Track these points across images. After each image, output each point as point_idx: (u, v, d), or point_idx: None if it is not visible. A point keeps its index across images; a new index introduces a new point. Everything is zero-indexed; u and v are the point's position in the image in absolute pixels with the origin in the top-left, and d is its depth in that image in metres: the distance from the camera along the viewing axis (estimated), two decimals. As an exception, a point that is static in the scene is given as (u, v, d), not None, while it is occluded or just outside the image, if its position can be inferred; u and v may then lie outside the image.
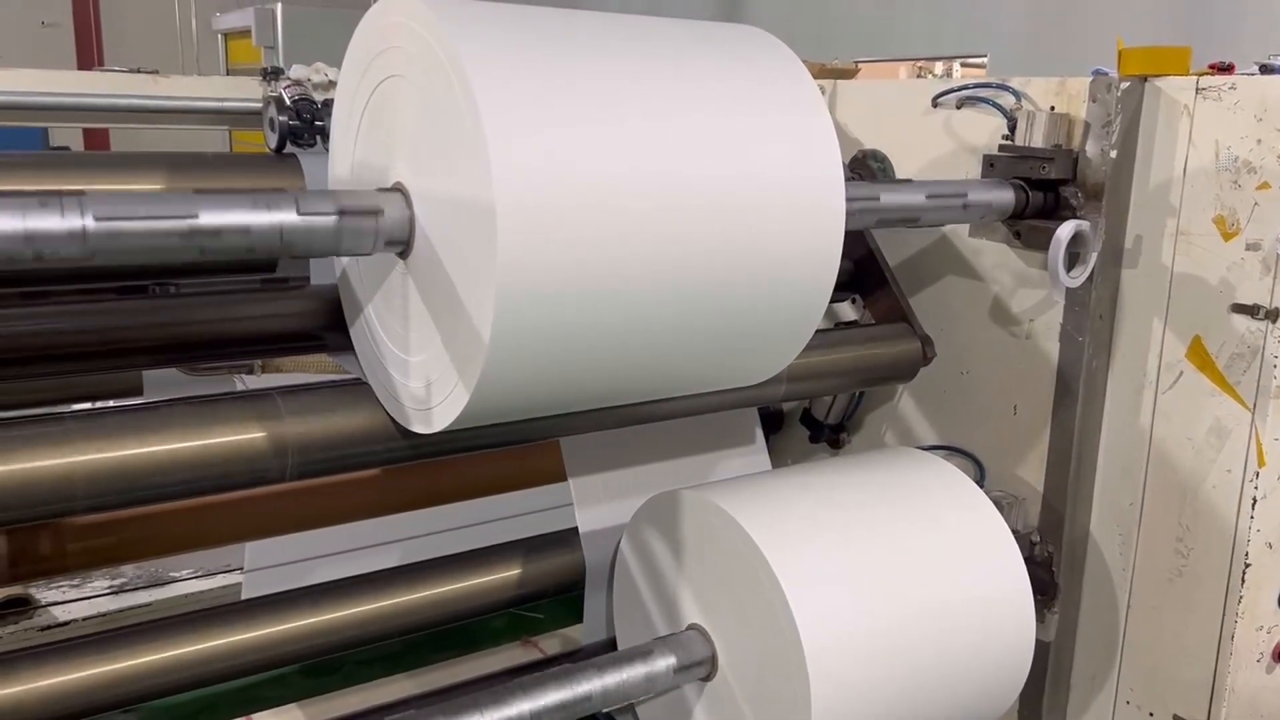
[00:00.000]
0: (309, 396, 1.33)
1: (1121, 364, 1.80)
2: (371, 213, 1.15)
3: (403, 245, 1.19)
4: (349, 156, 1.33)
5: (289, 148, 1.54)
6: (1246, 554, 1.66)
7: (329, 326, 1.42)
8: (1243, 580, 1.67)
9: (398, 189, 1.20)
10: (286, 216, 1.10)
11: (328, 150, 1.40)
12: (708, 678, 1.53)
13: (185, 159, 1.43)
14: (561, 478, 1.78)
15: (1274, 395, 1.61)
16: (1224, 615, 1.69)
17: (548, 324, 1.12)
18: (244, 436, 1.25)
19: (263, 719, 2.12)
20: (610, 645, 1.79)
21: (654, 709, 1.65)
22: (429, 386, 1.22)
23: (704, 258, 1.22)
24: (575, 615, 1.90)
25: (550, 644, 2.51)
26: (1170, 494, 1.75)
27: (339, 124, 1.35)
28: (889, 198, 1.64)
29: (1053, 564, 1.85)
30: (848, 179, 1.77)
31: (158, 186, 1.38)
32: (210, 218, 1.07)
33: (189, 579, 2.57)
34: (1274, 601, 1.71)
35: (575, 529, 1.77)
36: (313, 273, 1.49)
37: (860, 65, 2.38)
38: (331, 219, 1.12)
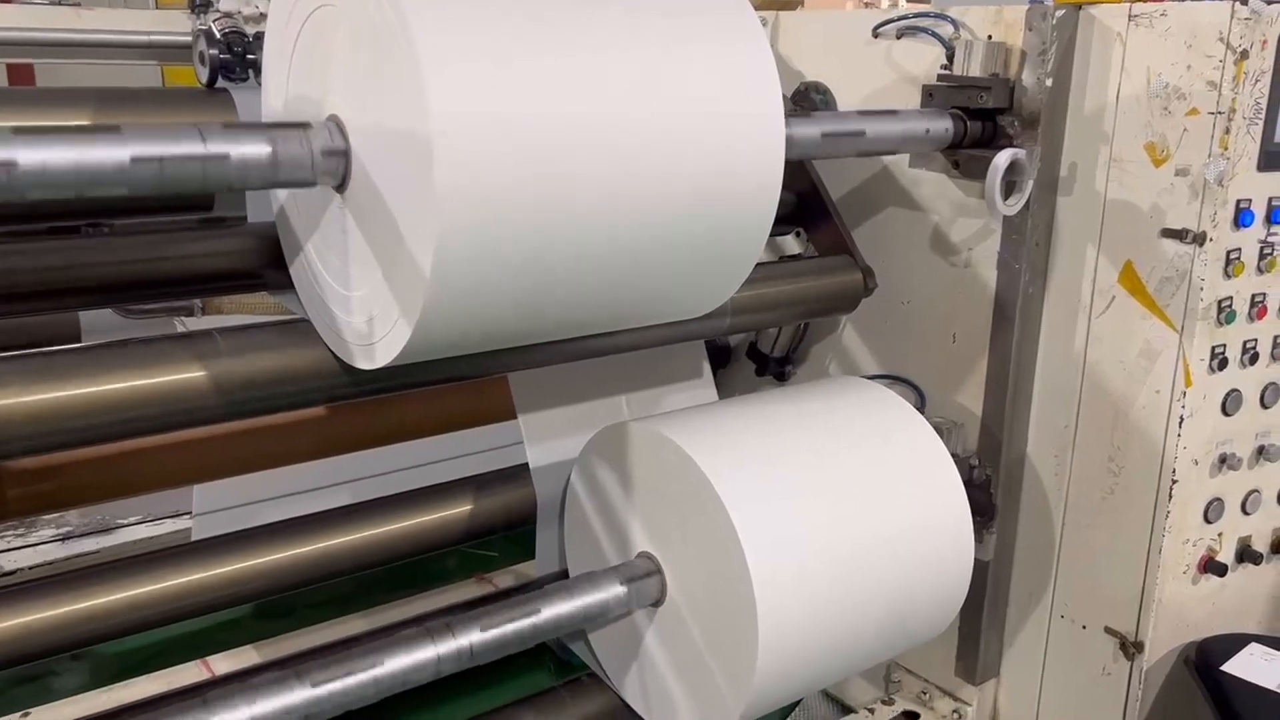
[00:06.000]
0: (249, 334, 1.31)
1: (1057, 290, 1.84)
2: (306, 143, 1.13)
3: (339, 177, 1.17)
4: (283, 90, 1.30)
5: (221, 82, 1.50)
6: (1174, 471, 1.72)
7: (268, 264, 1.41)
8: (1170, 496, 1.73)
9: (332, 120, 1.18)
10: (219, 148, 1.08)
11: (260, 84, 1.37)
12: (657, 603, 1.57)
13: (113, 94, 1.39)
14: (511, 415, 1.79)
15: (1200, 317, 1.67)
16: (1152, 530, 1.76)
17: (489, 256, 1.12)
18: (183, 375, 1.24)
19: (217, 661, 2.13)
20: (563, 578, 1.82)
21: (606, 636, 1.68)
22: (371, 321, 1.21)
23: (644, 187, 1.22)
24: (528, 553, 1.93)
25: (504, 580, 2.54)
26: (1103, 415, 1.80)
27: (271, 57, 1.33)
28: (828, 128, 1.65)
29: (991, 486, 1.90)
30: (790, 111, 1.78)
31: (85, 123, 1.35)
32: (141, 150, 1.04)
33: (137, 524, 2.55)
34: (1200, 515, 1.78)
35: (526, 465, 1.79)
36: (250, 210, 1.47)
37: (806, -5, 2.38)
38: (265, 150, 1.10)
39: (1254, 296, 1.72)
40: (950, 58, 1.81)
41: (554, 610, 1.49)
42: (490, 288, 1.14)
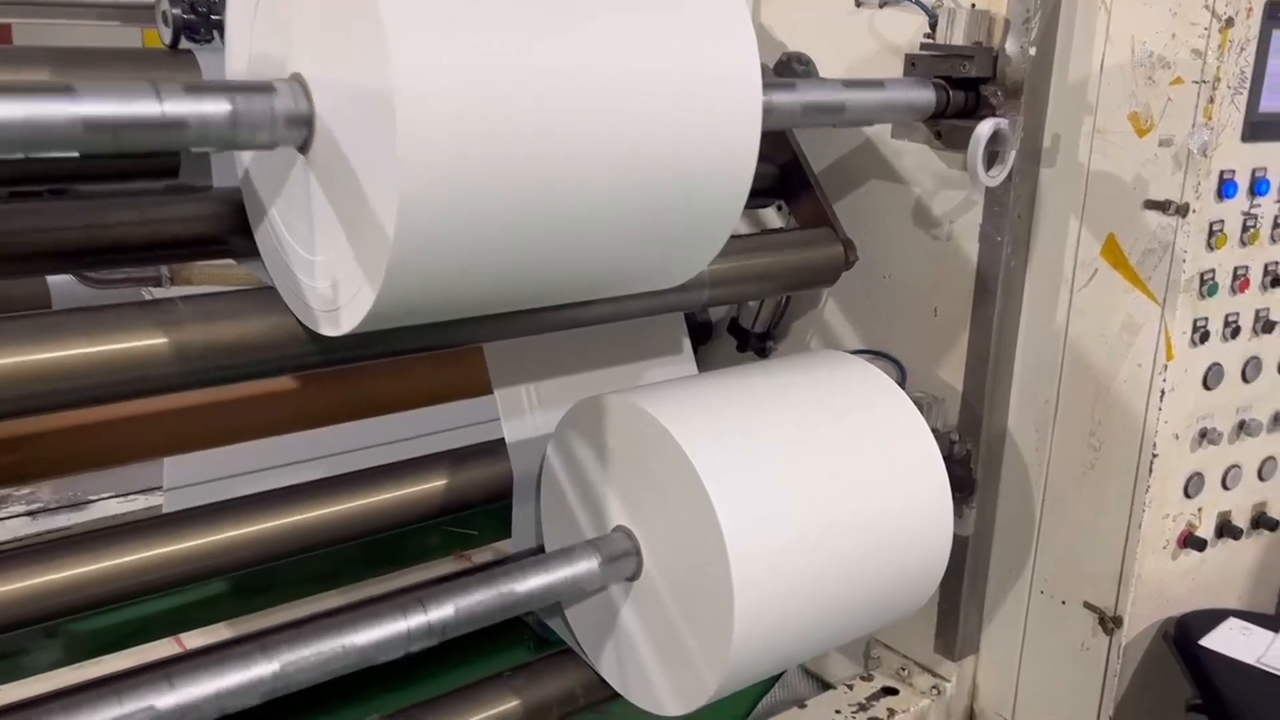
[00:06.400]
0: (212, 301, 1.28)
1: (1039, 263, 1.82)
2: (267, 102, 1.10)
3: (303, 136, 1.14)
4: (246, 50, 1.27)
5: (186, 44, 1.47)
6: (1154, 445, 1.71)
7: (233, 230, 1.37)
8: (1150, 470, 1.72)
9: (295, 79, 1.15)
10: (176, 108, 1.05)
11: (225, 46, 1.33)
12: (633, 577, 1.55)
13: (72, 54, 1.35)
14: (487, 390, 1.76)
15: (1183, 290, 1.65)
16: (1132, 505, 1.75)
17: (453, 217, 1.09)
18: (143, 342, 1.21)
19: (191, 638, 2.11)
20: (539, 553, 1.80)
21: (583, 611, 1.67)
22: (335, 286, 1.18)
23: (615, 150, 1.19)
24: (509, 530, 1.91)
25: (483, 557, 2.53)
26: (1084, 389, 1.79)
27: (234, 15, 1.29)
28: (808, 95, 1.62)
29: (971, 461, 1.89)
30: (771, 82, 1.75)
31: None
32: (95, 109, 1.01)
33: (109, 498, 2.52)
34: (1180, 490, 1.78)
35: (503, 439, 1.76)
36: (215, 176, 1.44)
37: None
38: (225, 108, 1.07)
39: (1236, 269, 1.70)
40: (933, 26, 1.78)
41: (527, 585, 1.47)
42: (456, 251, 1.11)
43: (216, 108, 1.07)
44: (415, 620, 1.37)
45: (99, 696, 1.17)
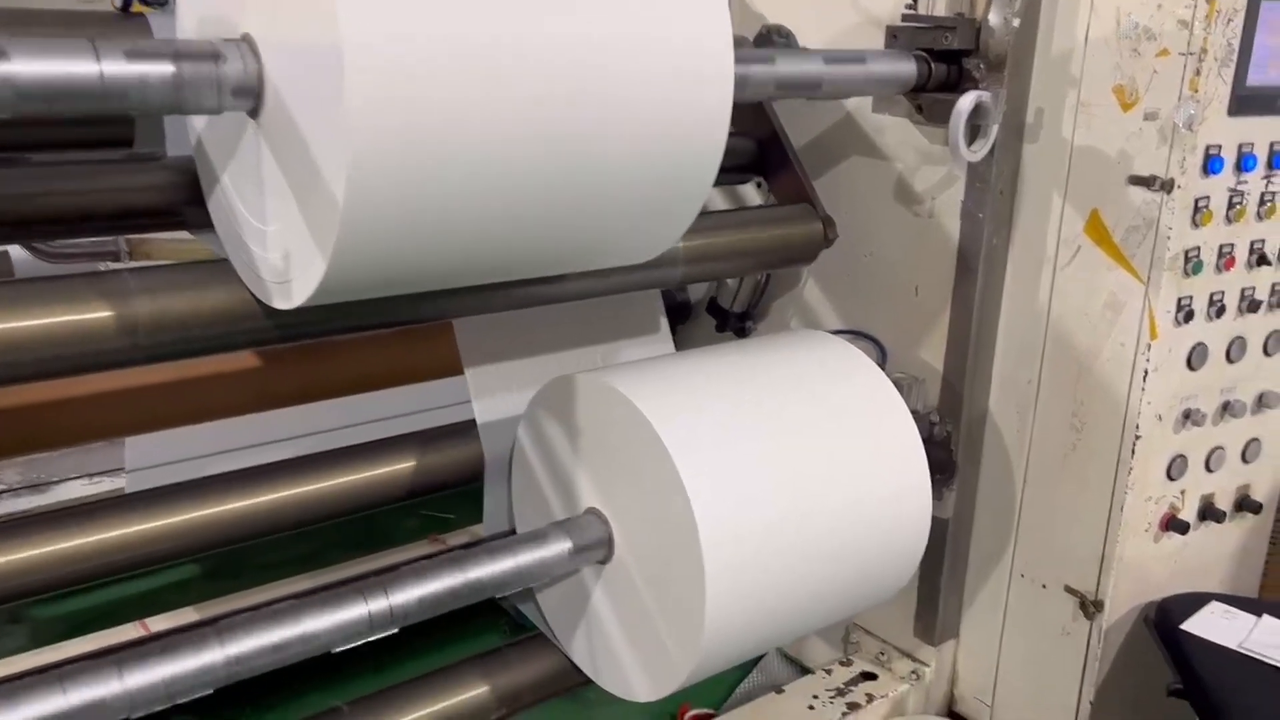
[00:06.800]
0: (161, 274, 1.23)
1: (1021, 241, 1.79)
2: (213, 63, 1.05)
3: (252, 100, 1.09)
4: (197, 11, 1.22)
5: (139, 7, 1.41)
6: (1137, 426, 1.68)
7: (187, 201, 1.32)
8: (1133, 452, 1.69)
9: (245, 40, 1.10)
10: (116, 68, 1.00)
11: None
12: (605, 560, 1.51)
13: (17, 15, 1.30)
14: (460, 370, 1.72)
15: (1167, 267, 1.61)
16: (1114, 487, 1.72)
17: (407, 184, 1.04)
18: (87, 316, 1.16)
19: (156, 623, 2.07)
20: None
21: (554, 595, 1.63)
22: (287, 257, 1.14)
23: (577, 114, 1.14)
24: (485, 515, 1.87)
25: (458, 541, 2.49)
26: (1066, 370, 1.76)
27: (186, -24, 1.24)
28: (785, 67, 1.58)
29: (951, 443, 1.86)
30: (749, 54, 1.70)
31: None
32: (26, 68, 0.96)
33: (73, 479, 2.47)
34: (1163, 472, 1.75)
35: (474, 420, 1.72)
36: (169, 145, 1.39)
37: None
38: (168, 68, 1.02)
39: (1221, 247, 1.67)
40: (915, -3, 1.74)
41: (494, 569, 1.43)
42: (410, 220, 1.07)
43: (159, 70, 1.02)
44: (376, 606, 1.33)
45: (41, 684, 1.12)
